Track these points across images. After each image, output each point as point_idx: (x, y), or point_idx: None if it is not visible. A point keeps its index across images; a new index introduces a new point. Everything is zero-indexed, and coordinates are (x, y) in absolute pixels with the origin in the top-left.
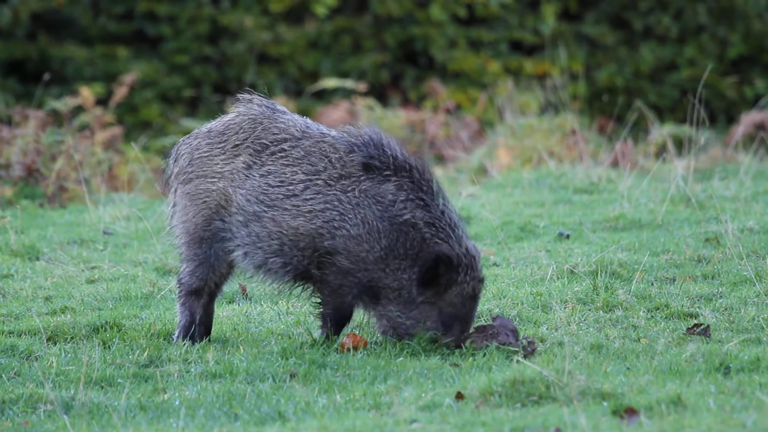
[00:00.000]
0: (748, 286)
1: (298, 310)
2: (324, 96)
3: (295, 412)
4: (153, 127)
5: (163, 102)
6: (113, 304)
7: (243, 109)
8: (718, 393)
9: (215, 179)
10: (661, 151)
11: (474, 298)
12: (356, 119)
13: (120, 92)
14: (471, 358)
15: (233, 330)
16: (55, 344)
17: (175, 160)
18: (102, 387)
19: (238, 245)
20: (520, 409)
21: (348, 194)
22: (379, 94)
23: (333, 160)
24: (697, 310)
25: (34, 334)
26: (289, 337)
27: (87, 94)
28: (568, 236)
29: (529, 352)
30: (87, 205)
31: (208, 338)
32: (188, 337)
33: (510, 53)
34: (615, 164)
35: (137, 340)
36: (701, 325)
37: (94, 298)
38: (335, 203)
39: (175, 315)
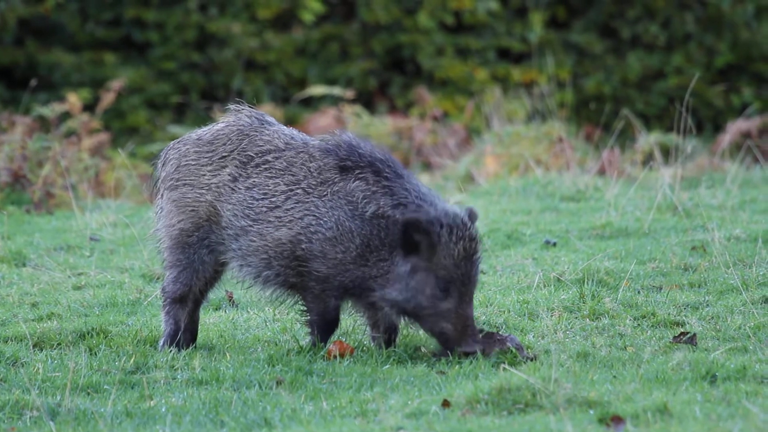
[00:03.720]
0: (734, 294)
1: (284, 318)
2: (311, 103)
3: (282, 419)
4: (140, 134)
5: (151, 108)
6: (100, 311)
7: (232, 119)
8: (705, 401)
9: (203, 191)
10: (648, 160)
11: (468, 258)
12: (344, 126)
13: (107, 98)
14: (457, 366)
15: (220, 337)
16: (42, 350)
17: (163, 164)
18: (88, 393)
19: (232, 257)
20: (506, 417)
21: (323, 198)
22: (367, 101)
23: (311, 169)
24: (684, 318)
25: (21, 341)
26: (276, 344)
27: (74, 100)
28: (554, 244)
29: (531, 357)
30: (74, 211)
31: (193, 345)
32: (173, 345)
33: (497, 61)
34: (602, 172)
35: (124, 347)
36: (688, 333)
37: (81, 305)
38: (312, 209)
39: (161, 322)
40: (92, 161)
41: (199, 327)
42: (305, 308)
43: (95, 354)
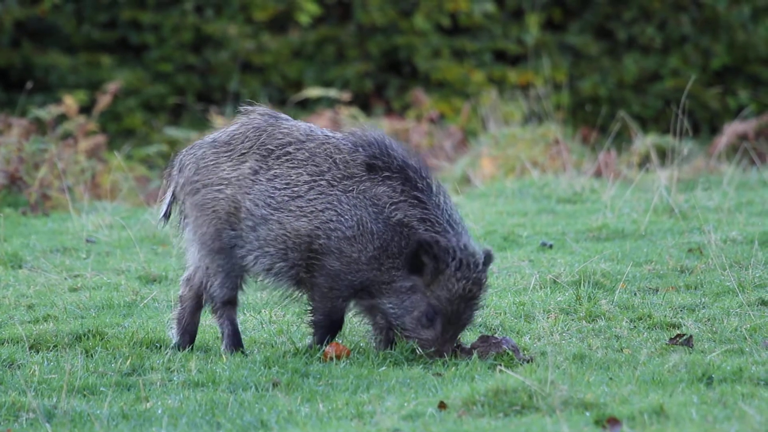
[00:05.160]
0: (730, 296)
1: (280, 320)
2: (307, 105)
3: (278, 421)
4: (136, 136)
5: (147, 110)
6: (96, 313)
7: (245, 119)
8: (701, 403)
9: (222, 186)
10: (644, 162)
11: (465, 299)
12: (340, 128)
13: (103, 100)
14: (454, 368)
15: (216, 339)
16: (38, 352)
17: (179, 171)
18: (84, 395)
19: (249, 250)
20: (502, 419)
21: (348, 194)
22: (363, 103)
23: (337, 161)
24: (680, 320)
25: (17, 342)
26: (272, 346)
27: (70, 102)
28: (551, 246)
29: (527, 360)
30: (70, 213)
31: (191, 347)
32: (236, 346)
33: (494, 63)
34: (598, 174)
35: (120, 349)
36: (684, 335)
37: (77, 307)
38: (335, 203)
39: (158, 324)
40: (88, 163)
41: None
42: (311, 308)
43: (91, 356)
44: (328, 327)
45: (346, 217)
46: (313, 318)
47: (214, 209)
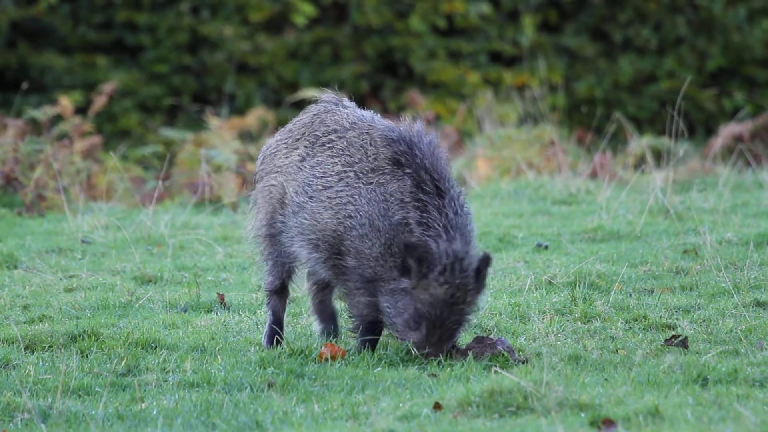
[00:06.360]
0: (726, 297)
1: None
2: (303, 106)
3: (273, 421)
4: (132, 136)
5: (143, 111)
6: (91, 313)
7: (314, 106)
8: (696, 404)
9: (277, 173)
10: (639, 163)
11: (449, 304)
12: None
13: (99, 101)
14: (449, 369)
15: (211, 339)
16: (33, 353)
17: (258, 161)
18: (79, 396)
19: (291, 237)
20: (497, 420)
21: (368, 187)
22: (359, 104)
23: (368, 153)
24: (675, 321)
25: (12, 343)
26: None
27: (66, 102)
28: (546, 247)
29: (523, 361)
30: (65, 213)
31: (336, 335)
32: (271, 341)
33: (489, 64)
34: (594, 175)
35: (115, 349)
36: (679, 336)
37: (72, 307)
38: (356, 197)
39: (153, 324)
40: (84, 164)
41: (190, 329)
42: (349, 313)
43: (86, 356)
44: (365, 329)
45: (361, 213)
46: (352, 320)
47: (270, 196)
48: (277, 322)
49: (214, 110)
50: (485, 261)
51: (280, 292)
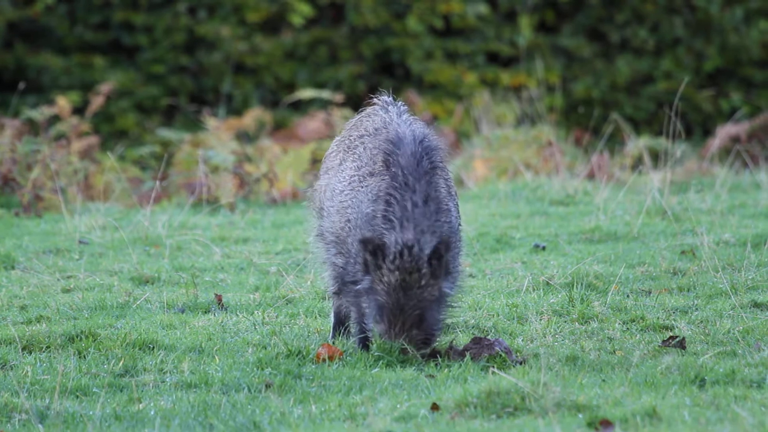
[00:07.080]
0: (723, 298)
1: (273, 321)
2: (300, 107)
3: (270, 422)
4: (129, 137)
5: (140, 111)
6: (89, 314)
7: (367, 108)
8: (693, 405)
9: (326, 176)
10: (637, 164)
11: (401, 289)
12: (332, 130)
13: (96, 101)
14: (446, 370)
15: (208, 340)
16: (30, 353)
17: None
18: (77, 396)
19: (324, 238)
20: (495, 421)
21: (363, 190)
22: (356, 104)
23: (374, 156)
24: (673, 322)
25: (9, 343)
26: (265, 348)
27: (63, 103)
28: (544, 248)
29: (520, 361)
30: (63, 214)
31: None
32: (336, 337)
33: (486, 65)
34: (591, 176)
35: (112, 350)
36: (677, 337)
37: (70, 308)
38: (355, 201)
39: (151, 325)
40: (81, 164)
41: (188, 330)
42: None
43: (84, 357)
44: (359, 329)
45: (356, 214)
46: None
47: (316, 197)
48: (337, 325)
49: (211, 111)
50: (441, 246)
51: (338, 295)
